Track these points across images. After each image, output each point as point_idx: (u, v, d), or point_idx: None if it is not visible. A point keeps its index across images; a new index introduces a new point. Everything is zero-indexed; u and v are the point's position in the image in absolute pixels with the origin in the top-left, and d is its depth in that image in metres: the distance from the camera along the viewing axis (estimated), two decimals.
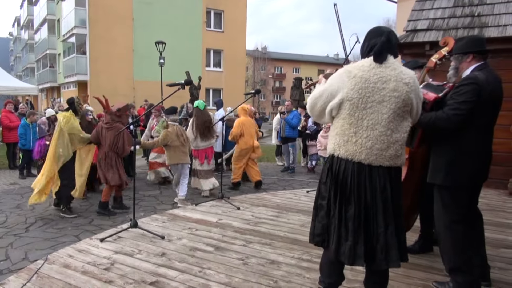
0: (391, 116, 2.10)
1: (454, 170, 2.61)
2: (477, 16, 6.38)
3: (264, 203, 5.42)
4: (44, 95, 34.00)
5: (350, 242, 2.12)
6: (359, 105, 2.11)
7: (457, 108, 2.53)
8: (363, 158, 2.12)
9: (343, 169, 2.17)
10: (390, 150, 2.12)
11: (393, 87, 2.09)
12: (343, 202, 2.17)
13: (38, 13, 33.43)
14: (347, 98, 2.13)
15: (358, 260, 2.12)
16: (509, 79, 5.51)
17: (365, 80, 2.10)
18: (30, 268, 3.16)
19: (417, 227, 3.55)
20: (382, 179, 2.13)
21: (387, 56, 2.16)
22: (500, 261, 3.32)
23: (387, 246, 2.10)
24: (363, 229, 2.13)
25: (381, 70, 2.12)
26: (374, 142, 2.10)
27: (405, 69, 2.18)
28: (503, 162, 5.76)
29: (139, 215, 4.87)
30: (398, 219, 2.16)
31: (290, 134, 8.60)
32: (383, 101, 2.09)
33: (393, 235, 2.11)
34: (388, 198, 2.12)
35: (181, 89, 3.99)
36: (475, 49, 2.70)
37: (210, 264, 3.22)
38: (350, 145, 2.15)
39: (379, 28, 2.27)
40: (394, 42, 2.21)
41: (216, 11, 25.91)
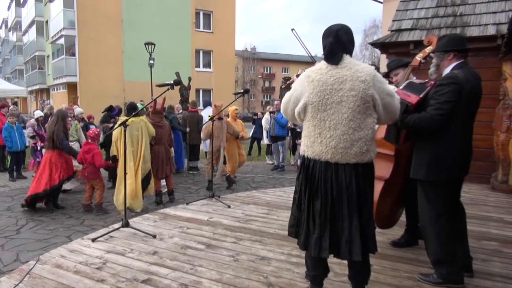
0: (351, 115, 2.14)
1: (435, 165, 2.69)
2: (459, 15, 6.54)
3: (255, 201, 5.47)
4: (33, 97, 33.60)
5: (316, 235, 2.23)
6: (320, 108, 2.19)
7: (439, 108, 2.61)
8: (329, 157, 2.20)
9: (312, 166, 2.27)
10: (354, 148, 2.17)
11: (350, 87, 2.13)
12: (312, 197, 2.27)
13: (26, 14, 33.01)
14: (309, 102, 2.22)
15: (323, 252, 2.22)
16: (490, 77, 5.70)
17: (322, 83, 2.17)
18: (22, 269, 3.15)
19: (403, 221, 3.64)
20: (348, 175, 2.19)
21: (341, 56, 2.19)
22: (482, 252, 3.42)
23: (351, 239, 2.18)
24: (329, 223, 2.21)
25: (337, 71, 2.17)
26: (337, 141, 2.17)
27: (362, 67, 2.18)
28: (485, 157, 5.92)
29: (131, 214, 4.89)
30: (365, 214, 2.22)
31: (279, 133, 8.69)
32: (341, 101, 2.14)
33: (357, 229, 2.17)
34: (353, 194, 2.18)
35: (170, 90, 4.03)
36: (456, 48, 2.77)
37: (202, 261, 3.25)
38: (316, 146, 2.24)
39: (329, 28, 2.27)
40: (345, 39, 2.21)
41: (205, 12, 25.90)
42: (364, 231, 2.21)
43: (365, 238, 2.21)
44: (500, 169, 5.96)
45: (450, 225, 2.72)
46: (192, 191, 6.63)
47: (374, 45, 7.45)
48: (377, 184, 3.24)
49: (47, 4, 26.37)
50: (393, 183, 3.27)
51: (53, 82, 26.13)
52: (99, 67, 21.91)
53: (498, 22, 6.11)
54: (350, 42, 2.25)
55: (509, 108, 5.73)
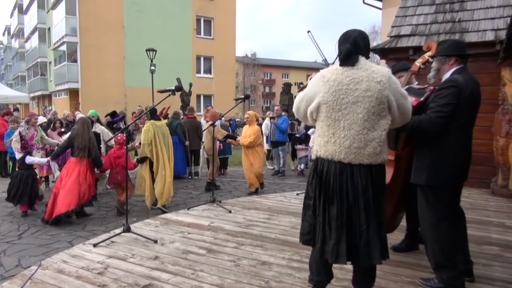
0: (365, 115, 2.15)
1: (436, 170, 2.70)
2: (457, 21, 6.60)
3: (256, 206, 5.48)
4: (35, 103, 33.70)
5: (333, 241, 2.20)
6: (335, 107, 2.19)
7: (439, 111, 2.62)
8: (342, 157, 2.19)
9: (326, 170, 2.25)
10: (368, 148, 2.17)
11: (366, 87, 2.14)
12: (327, 202, 2.24)
13: (28, 21, 33.23)
14: (323, 101, 2.22)
15: (340, 258, 2.19)
16: (489, 82, 5.73)
17: (338, 83, 2.18)
18: (23, 274, 3.15)
19: (403, 226, 3.64)
20: (363, 179, 2.18)
21: (357, 58, 2.21)
22: (483, 257, 3.42)
23: (369, 244, 2.16)
24: (345, 228, 2.19)
25: (353, 72, 2.18)
26: (351, 141, 2.17)
27: (378, 68, 2.19)
28: (485, 162, 5.94)
29: (132, 220, 4.91)
30: (380, 218, 2.21)
31: (280, 138, 8.72)
32: (357, 102, 2.15)
33: (375, 233, 2.17)
34: (370, 197, 2.17)
35: (172, 95, 4.06)
36: (458, 53, 2.78)
37: (203, 267, 3.25)
38: (330, 145, 2.23)
39: (346, 34, 2.30)
40: (363, 44, 2.25)
41: (206, 18, 26.07)
42: (380, 235, 2.20)
43: (382, 242, 2.20)
44: (500, 173, 5.97)
45: (451, 230, 2.72)
46: (193, 196, 6.64)
47: (374, 51, 7.49)
48: None
49: (49, 11, 26.57)
50: (393, 188, 3.28)
51: (55, 88, 26.23)
52: (100, 73, 22.02)
53: (497, 28, 6.16)
54: (366, 48, 2.28)
55: (508, 113, 5.75)
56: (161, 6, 23.63)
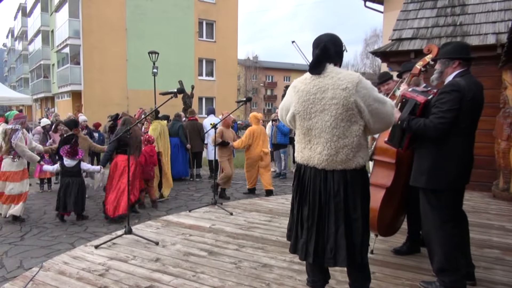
0: (333, 123, 2.16)
1: (436, 173, 2.68)
2: (459, 25, 6.61)
3: (257, 208, 5.48)
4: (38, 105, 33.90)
5: (303, 239, 2.28)
6: (305, 116, 2.25)
7: (442, 117, 2.60)
8: (316, 163, 2.23)
9: (303, 172, 2.33)
10: (339, 155, 2.18)
11: (331, 95, 2.15)
12: (301, 203, 2.32)
13: (32, 24, 33.46)
14: (296, 111, 2.28)
15: (308, 257, 2.26)
16: (490, 85, 5.73)
17: (306, 93, 2.23)
18: (25, 275, 3.16)
19: (404, 229, 3.64)
20: (336, 183, 2.20)
21: (325, 65, 2.22)
22: (484, 260, 3.42)
23: (336, 247, 2.19)
24: (315, 229, 2.24)
25: (320, 80, 2.21)
26: (322, 148, 2.20)
27: (345, 75, 2.17)
28: (486, 165, 5.94)
29: (134, 222, 4.92)
30: (354, 221, 2.20)
31: (281, 141, 8.75)
32: (324, 110, 2.18)
33: (342, 237, 2.18)
34: (341, 201, 2.19)
35: (174, 98, 4.08)
36: (461, 56, 2.76)
37: (204, 269, 3.26)
38: (306, 152, 2.30)
39: (318, 39, 2.30)
40: (333, 50, 2.24)
41: (208, 21, 26.17)
42: (351, 239, 2.21)
43: (352, 246, 2.20)
44: (501, 177, 5.96)
45: (454, 233, 2.70)
46: (194, 198, 6.66)
47: (375, 54, 7.52)
48: (379, 192, 3.26)
49: (52, 14, 26.73)
50: (394, 191, 3.29)
51: (58, 90, 26.38)
52: (103, 76, 22.12)
53: (498, 32, 6.17)
54: (338, 54, 2.27)
55: (509, 116, 5.75)
56: (163, 9, 23.75)
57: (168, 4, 23.98)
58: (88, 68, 22.23)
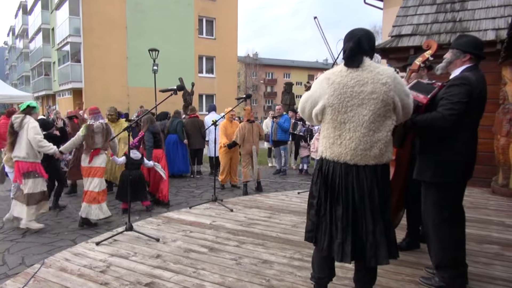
0: (371, 117, 2.13)
1: (442, 167, 2.66)
2: (458, 21, 6.60)
3: (257, 204, 5.50)
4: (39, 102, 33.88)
5: (339, 240, 2.20)
6: (340, 110, 2.18)
7: (451, 108, 2.56)
8: (348, 159, 2.18)
9: (331, 170, 2.24)
10: (374, 149, 2.16)
11: (371, 90, 2.12)
12: (333, 202, 2.24)
13: (32, 22, 33.36)
14: (328, 104, 2.20)
15: (345, 258, 2.20)
16: (490, 81, 5.59)
17: (343, 86, 2.16)
18: (27, 272, 3.18)
19: (404, 224, 3.65)
20: (369, 179, 2.18)
21: (362, 59, 2.18)
22: (483, 256, 3.43)
23: (376, 244, 2.16)
24: (351, 228, 2.18)
25: (358, 73, 2.16)
26: (357, 143, 2.15)
27: (383, 69, 2.17)
28: (485, 161, 5.93)
29: (134, 218, 4.95)
30: (386, 217, 2.21)
31: (282, 138, 8.75)
32: (362, 104, 2.14)
33: (382, 233, 2.16)
34: (375, 198, 2.17)
35: (174, 95, 4.08)
36: (474, 51, 2.71)
37: (204, 265, 3.27)
38: (335, 147, 2.22)
39: (352, 32, 2.27)
40: (367, 44, 2.22)
41: (208, 18, 26.11)
42: (387, 235, 2.20)
43: (390, 243, 2.20)
44: (501, 173, 5.97)
45: (454, 230, 2.70)
46: (195, 195, 6.67)
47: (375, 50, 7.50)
48: None
49: (53, 12, 26.68)
50: (394, 187, 3.26)
51: (58, 88, 26.36)
52: (104, 73, 22.11)
53: (498, 28, 6.15)
54: (371, 49, 2.25)
55: (509, 112, 5.75)
56: (163, 7, 23.69)
57: (168, 1, 23.92)
58: (89, 66, 22.22)
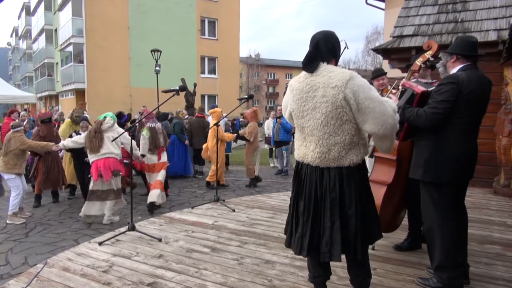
0: (324, 121, 2.18)
1: (432, 167, 2.67)
2: (460, 22, 6.58)
3: (259, 205, 5.51)
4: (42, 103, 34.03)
5: (298, 234, 2.29)
6: (299, 115, 2.30)
7: (435, 107, 2.58)
8: (310, 160, 2.27)
9: (300, 167, 2.38)
10: (332, 152, 2.20)
11: (322, 94, 2.18)
12: (297, 198, 2.36)
13: (35, 23, 33.51)
14: (291, 109, 2.36)
15: (303, 251, 2.27)
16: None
17: (299, 91, 2.28)
18: (30, 272, 3.20)
19: (405, 225, 3.64)
20: (332, 179, 2.22)
21: (317, 64, 2.23)
22: (485, 256, 3.43)
23: (331, 241, 2.20)
24: (310, 224, 2.25)
25: (312, 79, 2.23)
26: (314, 146, 2.24)
27: (336, 73, 2.16)
28: (487, 162, 5.93)
29: (137, 218, 4.97)
30: (350, 218, 2.20)
31: (284, 138, 8.77)
32: (315, 108, 2.21)
33: (338, 231, 2.18)
34: (336, 197, 2.20)
35: (176, 95, 4.11)
36: (460, 52, 2.73)
37: (206, 265, 3.29)
38: (301, 149, 2.35)
39: (313, 36, 2.29)
40: (325, 48, 2.23)
41: (210, 19, 26.16)
42: (346, 234, 2.21)
43: (347, 242, 2.21)
44: (502, 173, 5.96)
45: (454, 230, 2.69)
46: (197, 195, 6.69)
47: (377, 51, 7.50)
48: (380, 189, 3.27)
49: (56, 13, 26.79)
50: (395, 187, 3.30)
51: (61, 89, 26.46)
52: (106, 74, 22.17)
53: (499, 28, 6.13)
54: (330, 51, 2.25)
55: (510, 112, 5.73)
56: (166, 8, 23.75)
57: (170, 2, 23.98)
58: (92, 67, 22.29)
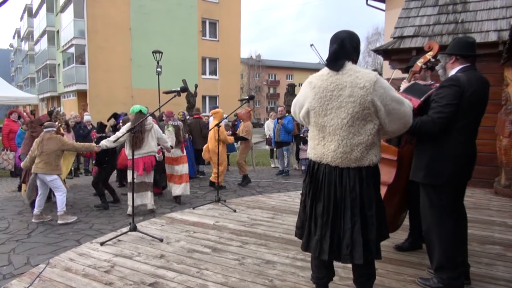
0: (350, 121, 2.16)
1: (434, 169, 2.67)
2: (460, 22, 6.59)
3: (260, 205, 5.52)
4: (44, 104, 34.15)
5: (317, 237, 2.25)
6: (321, 113, 2.25)
7: (440, 112, 2.58)
8: (329, 160, 2.23)
9: (316, 168, 2.32)
10: (354, 152, 2.19)
11: (349, 93, 2.15)
12: (315, 199, 2.30)
13: (38, 24, 33.66)
14: (311, 107, 2.28)
15: (323, 254, 2.23)
16: (492, 82, 5.53)
17: (323, 89, 2.22)
18: (32, 272, 3.22)
19: (406, 225, 3.66)
20: (352, 179, 2.20)
21: (343, 63, 2.21)
22: (486, 256, 3.43)
23: (353, 243, 2.18)
24: (330, 225, 2.22)
25: (338, 77, 2.20)
26: (336, 145, 2.20)
27: (363, 74, 2.17)
28: (487, 162, 5.94)
29: (138, 219, 4.98)
30: (369, 218, 2.20)
31: (284, 139, 8.78)
32: (341, 107, 2.18)
33: (359, 233, 2.17)
34: (357, 197, 2.19)
35: (177, 96, 4.12)
36: (458, 52, 2.74)
37: (207, 265, 3.29)
38: (319, 148, 2.29)
39: (335, 35, 2.29)
40: (349, 47, 2.24)
41: (211, 20, 26.22)
42: (367, 235, 2.20)
43: (368, 243, 2.20)
44: (503, 173, 5.96)
45: (453, 231, 2.69)
46: (198, 196, 6.69)
47: (377, 52, 7.50)
48: (381, 189, 3.27)
49: (58, 14, 26.89)
50: (396, 187, 3.29)
51: (63, 90, 26.57)
52: (108, 75, 22.25)
53: (500, 29, 6.14)
54: (355, 50, 2.27)
55: (511, 113, 5.73)
56: (167, 9, 23.83)
57: (171, 3, 24.05)
58: (93, 68, 22.36)
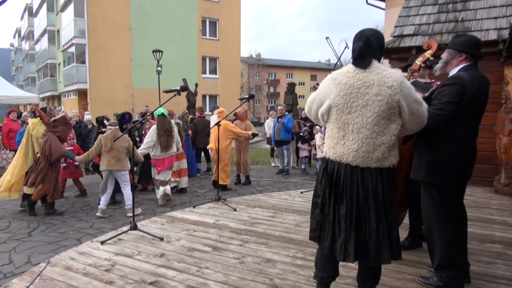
0: (375, 120, 2.12)
1: (434, 168, 2.67)
2: (460, 21, 6.58)
3: (260, 204, 5.52)
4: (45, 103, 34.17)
5: (342, 239, 2.18)
6: (345, 110, 2.18)
7: (441, 108, 2.57)
8: (350, 160, 2.17)
9: (336, 170, 2.24)
10: (376, 152, 2.15)
11: (376, 91, 2.11)
12: (337, 201, 2.23)
13: (38, 24, 33.66)
14: (334, 104, 2.21)
15: (348, 257, 2.18)
16: (492, 81, 5.46)
17: (349, 86, 2.16)
18: (33, 271, 3.22)
19: (406, 224, 3.66)
20: (374, 179, 2.17)
21: (370, 61, 2.18)
22: (486, 255, 3.43)
23: (379, 244, 2.15)
24: (354, 227, 2.17)
25: (365, 75, 2.15)
26: (360, 145, 2.15)
27: (390, 72, 2.15)
28: (487, 161, 5.94)
29: (139, 218, 4.99)
30: (390, 218, 2.19)
31: (284, 138, 8.79)
32: (367, 105, 2.13)
33: (384, 233, 2.15)
34: (380, 197, 2.16)
35: (177, 95, 4.12)
36: (470, 51, 2.71)
37: (208, 264, 3.30)
38: (339, 148, 2.22)
39: (361, 33, 2.25)
40: (376, 45, 2.21)
41: (211, 20, 26.21)
42: (390, 236, 2.19)
43: (392, 243, 2.18)
44: (503, 172, 5.95)
45: (454, 230, 2.69)
46: (199, 195, 6.71)
47: None
48: None
49: (58, 14, 26.88)
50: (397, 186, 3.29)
51: (64, 89, 26.58)
52: (108, 74, 22.26)
53: (500, 27, 6.13)
54: (380, 49, 2.24)
55: (511, 111, 5.73)
56: (167, 8, 23.82)
57: (171, 3, 24.04)
58: (94, 67, 22.36)
